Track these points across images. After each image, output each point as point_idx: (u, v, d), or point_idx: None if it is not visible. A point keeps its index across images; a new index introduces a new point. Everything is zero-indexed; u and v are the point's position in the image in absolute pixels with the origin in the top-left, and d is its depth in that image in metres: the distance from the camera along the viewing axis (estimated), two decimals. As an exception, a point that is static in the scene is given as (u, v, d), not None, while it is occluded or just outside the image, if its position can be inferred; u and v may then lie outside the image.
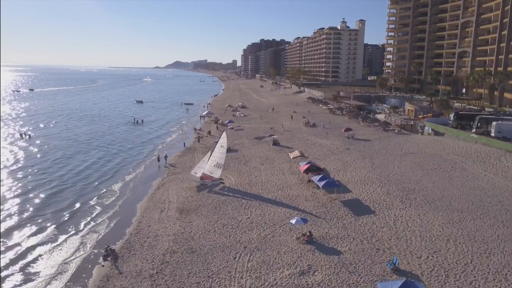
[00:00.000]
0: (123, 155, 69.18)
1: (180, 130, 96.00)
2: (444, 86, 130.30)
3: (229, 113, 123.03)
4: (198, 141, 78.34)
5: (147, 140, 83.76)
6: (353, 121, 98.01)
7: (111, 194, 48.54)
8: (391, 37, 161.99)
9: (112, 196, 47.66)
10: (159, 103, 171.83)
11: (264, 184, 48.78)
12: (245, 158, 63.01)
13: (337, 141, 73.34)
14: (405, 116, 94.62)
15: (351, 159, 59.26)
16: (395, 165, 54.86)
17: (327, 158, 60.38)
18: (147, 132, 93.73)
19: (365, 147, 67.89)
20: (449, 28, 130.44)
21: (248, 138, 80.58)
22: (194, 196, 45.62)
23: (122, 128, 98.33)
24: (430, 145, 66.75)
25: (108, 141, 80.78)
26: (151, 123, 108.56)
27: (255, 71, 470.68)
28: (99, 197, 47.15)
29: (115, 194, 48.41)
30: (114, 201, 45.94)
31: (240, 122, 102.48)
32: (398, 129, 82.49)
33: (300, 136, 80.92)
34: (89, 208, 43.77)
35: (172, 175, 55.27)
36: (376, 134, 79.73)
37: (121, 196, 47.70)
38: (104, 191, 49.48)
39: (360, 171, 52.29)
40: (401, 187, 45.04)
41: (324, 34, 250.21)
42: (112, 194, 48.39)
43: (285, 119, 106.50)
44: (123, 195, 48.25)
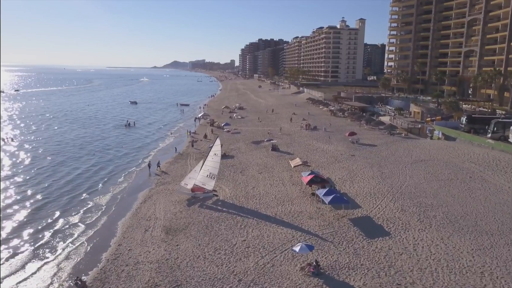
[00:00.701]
0: (113, 162, 63.78)
1: (170, 133, 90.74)
2: (450, 87, 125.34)
3: (226, 115, 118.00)
4: (192, 146, 73.34)
5: (139, 145, 78.59)
6: (356, 124, 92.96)
7: (97, 208, 43.44)
8: (393, 36, 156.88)
9: (97, 211, 42.65)
10: (154, 104, 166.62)
11: (262, 197, 43.72)
12: (242, 165, 57.97)
13: (341, 146, 68.30)
14: (411, 119, 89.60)
15: (357, 167, 54.20)
16: (407, 175, 49.79)
17: (331, 166, 55.32)
18: (139, 136, 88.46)
19: (372, 153, 62.83)
20: (454, 26, 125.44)
21: (245, 142, 75.56)
22: (183, 211, 40.58)
23: (114, 132, 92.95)
24: (442, 151, 61.72)
25: (99, 147, 75.45)
26: (144, 126, 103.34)
27: (253, 71, 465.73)
28: (84, 213, 42.25)
29: (101, 209, 43.34)
30: (98, 218, 40.92)
31: (237, 125, 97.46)
32: (405, 133, 77.49)
33: (300, 140, 75.88)
34: (71, 226, 38.79)
35: (160, 186, 50.24)
36: (382, 139, 74.70)
37: (106, 211, 42.72)
38: (90, 205, 44.39)
39: (368, 182, 47.23)
40: (416, 202, 39.96)
41: (324, 33, 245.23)
42: (98, 209, 43.32)
43: (284, 121, 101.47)
44: (108, 209, 43.27)
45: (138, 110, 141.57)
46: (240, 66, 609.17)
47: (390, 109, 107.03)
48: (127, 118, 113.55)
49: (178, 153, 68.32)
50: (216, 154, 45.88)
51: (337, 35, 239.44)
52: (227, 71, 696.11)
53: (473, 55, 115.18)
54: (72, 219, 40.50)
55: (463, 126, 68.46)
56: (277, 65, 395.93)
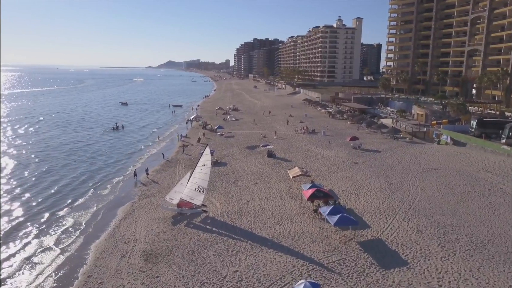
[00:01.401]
0: (98, 171, 58.12)
1: (158, 138, 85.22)
2: (452, 87, 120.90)
3: (219, 117, 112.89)
4: (183, 151, 68.16)
5: (126, 151, 73.17)
6: (356, 127, 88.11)
7: (75, 228, 38.29)
8: (392, 35, 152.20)
9: (75, 231, 37.59)
10: (145, 105, 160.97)
11: (257, 213, 38.65)
12: (235, 174, 52.92)
13: (342, 152, 63.35)
14: (414, 122, 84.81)
15: (362, 177, 49.25)
16: (418, 187, 44.90)
17: (333, 176, 50.33)
18: (127, 140, 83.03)
19: (376, 160, 57.91)
20: (457, 24, 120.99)
21: (239, 147, 70.50)
22: (167, 231, 35.48)
23: (101, 136, 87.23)
24: (453, 158, 56.94)
25: (83, 154, 69.92)
26: (133, 129, 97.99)
27: (248, 71, 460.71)
28: (62, 233, 37.14)
29: (79, 228, 38.22)
30: (75, 240, 35.79)
31: (231, 127, 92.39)
32: (410, 137, 72.69)
33: (298, 145, 70.89)
34: (44, 251, 33.63)
35: (144, 199, 45.09)
36: (385, 143, 69.87)
37: (84, 231, 37.56)
38: (69, 224, 39.15)
39: (376, 195, 42.26)
40: (433, 221, 35.01)
41: (320, 32, 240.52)
42: (76, 228, 38.23)
43: (280, 124, 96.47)
44: (87, 228, 38.12)
45: (128, 111, 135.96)
46: (235, 66, 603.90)
47: (392, 111, 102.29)
48: (116, 120, 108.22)
49: (166, 159, 63.12)
50: (205, 165, 40.77)
51: (333, 34, 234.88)
52: (222, 71, 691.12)
53: (477, 55, 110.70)
54: (47, 241, 35.36)
55: (473, 131, 63.72)
56: (272, 65, 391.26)
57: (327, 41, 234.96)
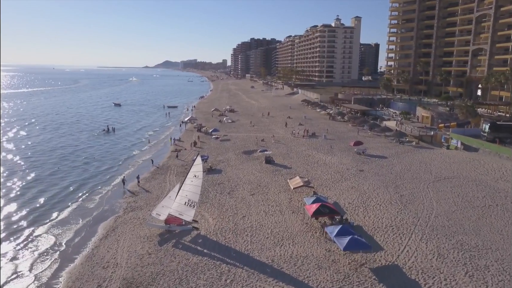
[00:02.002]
0: (84, 180, 53.51)
1: (148, 141, 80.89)
2: (455, 88, 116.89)
3: (215, 118, 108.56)
4: (177, 156, 63.89)
5: (116, 156, 68.82)
6: (358, 130, 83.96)
7: (53, 249, 33.87)
8: (393, 34, 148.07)
9: (53, 254, 33.20)
10: (139, 106, 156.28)
11: (255, 231, 34.40)
12: (230, 183, 48.67)
13: (346, 158, 59.15)
14: (419, 124, 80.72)
15: (369, 187, 45.05)
16: (432, 199, 40.73)
17: (338, 186, 46.11)
18: (118, 144, 78.47)
19: (383, 167, 53.71)
20: (460, 23, 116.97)
21: (235, 152, 66.27)
22: (152, 253, 31.23)
23: (90, 140, 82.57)
24: (466, 165, 52.83)
25: (70, 159, 65.61)
26: (125, 132, 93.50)
27: (245, 70, 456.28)
28: (40, 256, 32.72)
29: (57, 250, 33.77)
30: (51, 265, 31.39)
31: (227, 130, 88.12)
32: (416, 141, 68.53)
33: (298, 149, 66.67)
34: (15, 279, 29.24)
35: (130, 212, 40.79)
36: (391, 148, 65.72)
37: (64, 253, 33.25)
38: (48, 245, 34.63)
39: (386, 209, 38.05)
40: (455, 242, 30.83)
41: (318, 31, 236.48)
42: (55, 250, 33.84)
43: (278, 126, 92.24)
44: (67, 250, 33.80)
45: (121, 113, 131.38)
46: (232, 66, 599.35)
47: (394, 112, 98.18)
48: (108, 122, 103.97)
49: (156, 166, 58.73)
50: (196, 176, 36.47)
51: (332, 34, 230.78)
52: (219, 71, 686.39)
53: (482, 54, 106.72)
54: (21, 266, 31.03)
55: (485, 135, 59.62)
56: (269, 65, 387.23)
57: (326, 41, 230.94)
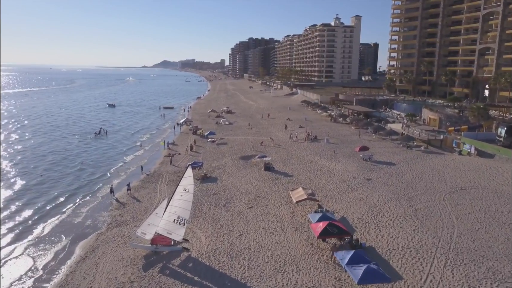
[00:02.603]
0: (72, 190, 49.19)
1: (140, 145, 76.62)
2: (461, 89, 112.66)
3: (212, 120, 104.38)
4: (171, 162, 59.64)
5: (106, 161, 64.70)
6: (361, 133, 79.82)
7: (28, 275, 29.69)
8: (395, 32, 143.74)
9: (27, 281, 28.90)
10: (134, 107, 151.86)
11: (253, 254, 30.16)
12: (226, 193, 44.44)
13: (351, 164, 54.89)
14: (426, 127, 76.51)
15: (379, 199, 40.81)
16: (451, 214, 36.48)
17: (344, 197, 41.85)
18: (108, 149, 74.29)
19: (392, 176, 49.46)
20: (466, 21, 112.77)
21: (232, 157, 62.08)
22: (135, 281, 27.15)
23: (81, 143, 78.50)
24: (483, 174, 48.62)
25: (63, 164, 61.72)
26: (118, 135, 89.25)
27: (243, 70, 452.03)
28: (20, 280, 28.88)
29: (33, 277, 29.56)
30: None
31: (224, 133, 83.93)
32: (425, 146, 64.32)
33: (299, 154, 62.43)
34: None
35: (114, 228, 36.58)
36: (398, 153, 61.49)
37: (38, 281, 28.99)
38: (24, 270, 30.38)
39: (401, 227, 33.78)
40: (486, 270, 26.57)
41: (317, 31, 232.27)
42: (29, 276, 29.72)
43: (278, 129, 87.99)
44: (41, 277, 29.53)
45: (115, 114, 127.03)
46: (230, 65, 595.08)
47: (399, 114, 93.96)
48: (101, 124, 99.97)
49: (146, 174, 54.43)
50: (186, 190, 32.22)
51: (331, 33, 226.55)
52: (217, 71, 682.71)
53: (490, 53, 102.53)
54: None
55: (501, 140, 55.48)
56: (268, 64, 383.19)
57: (325, 40, 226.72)
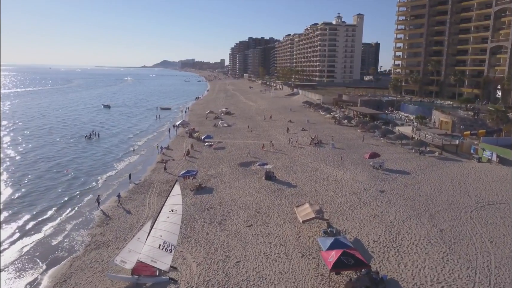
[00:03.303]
0: (55, 204, 43.86)
1: (133, 149, 71.61)
2: (471, 89, 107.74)
3: (210, 122, 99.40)
4: (165, 169, 54.77)
5: (96, 167, 59.92)
6: (369, 137, 74.88)
7: None
8: (400, 30, 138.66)
9: None
10: (130, 107, 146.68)
11: (253, 287, 25.19)
12: (223, 207, 39.51)
13: (361, 173, 49.89)
14: (438, 130, 71.51)
15: (397, 216, 35.80)
16: (483, 236, 31.45)
17: (356, 214, 36.84)
18: (100, 153, 69.28)
19: (408, 187, 44.43)
20: (477, 18, 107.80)
21: (230, 163, 57.16)
22: (109, 326, 22.02)
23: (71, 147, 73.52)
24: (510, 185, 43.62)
25: (51, 172, 56.66)
26: (110, 137, 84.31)
27: (243, 70, 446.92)
28: None
29: None
30: None
31: (222, 136, 79.01)
32: (439, 152, 59.31)
33: (303, 161, 57.44)
34: None
35: (92, 251, 31.74)
36: (411, 160, 56.44)
37: None
38: None
39: (427, 253, 28.72)
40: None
41: (319, 30, 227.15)
42: None
43: (279, 132, 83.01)
44: None
45: (109, 115, 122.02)
46: (230, 65, 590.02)
47: (407, 116, 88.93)
48: (94, 126, 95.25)
49: (135, 183, 49.53)
50: (173, 211, 27.32)
51: (333, 32, 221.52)
52: (216, 71, 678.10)
53: (502, 52, 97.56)
54: None
55: (527, 146, 50.61)
56: (268, 64, 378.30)
57: (327, 39, 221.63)
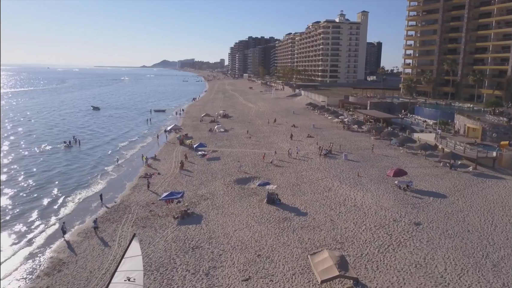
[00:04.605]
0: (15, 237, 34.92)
1: (117, 160, 62.07)
2: (491, 90, 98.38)
3: (205, 126, 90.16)
4: (148, 187, 45.67)
5: (71, 183, 50.62)
6: (384, 145, 65.64)
7: None
8: (412, 27, 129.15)
9: None
10: (122, 109, 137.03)
11: None
12: (212, 246, 30.34)
13: (385, 196, 40.46)
14: (462, 138, 62.26)
15: (446, 266, 26.37)
16: None
17: (389, 260, 27.43)
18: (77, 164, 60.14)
19: (449, 217, 34.91)
20: (498, 12, 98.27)
21: (225, 179, 47.97)
22: None
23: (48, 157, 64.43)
24: None
25: (27, 190, 47.49)
26: (93, 144, 75.17)
27: (242, 70, 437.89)
28: None
29: None
30: None
31: (217, 143, 69.91)
32: (473, 166, 49.91)
33: (312, 177, 48.07)
34: None
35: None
36: (442, 177, 46.94)
37: None
38: None
39: None
40: None
41: (321, 28, 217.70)
42: None
43: (281, 138, 73.76)
44: None
45: (97, 118, 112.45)
46: (229, 65, 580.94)
47: (424, 121, 79.51)
48: (79, 131, 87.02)
49: (106, 206, 40.41)
50: (131, 280, 17.82)
51: (336, 30, 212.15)
52: (216, 71, 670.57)
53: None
54: None
55: None
56: (268, 64, 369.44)
57: (330, 37, 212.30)
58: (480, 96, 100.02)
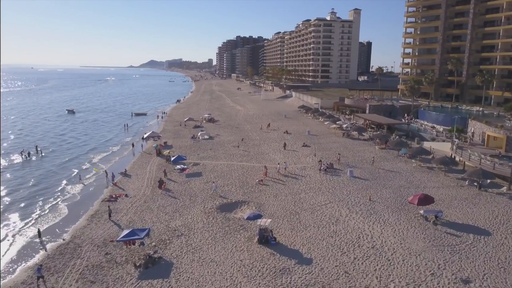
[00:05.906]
0: None
1: (79, 178, 52.21)
2: (500, 92, 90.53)
3: (187, 132, 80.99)
4: (109, 216, 36.43)
5: (17, 208, 41.35)
6: (392, 156, 57.03)
7: None
8: (411, 23, 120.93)
9: None
10: (99, 113, 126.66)
11: None
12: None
13: (410, 231, 31.49)
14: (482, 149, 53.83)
15: None
16: None
17: None
18: (27, 184, 50.40)
19: (503, 269, 26.08)
20: (508, 7, 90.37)
21: (205, 205, 38.99)
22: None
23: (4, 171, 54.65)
24: None
25: None
26: (56, 155, 65.59)
27: (231, 70, 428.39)
28: None
29: None
30: None
31: (199, 154, 60.96)
32: (507, 187, 41.27)
33: (313, 201, 39.03)
34: None
35: None
36: (474, 202, 38.22)
37: None
38: None
39: None
40: None
41: (312, 26, 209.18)
42: None
43: (273, 148, 64.84)
44: None
45: (70, 124, 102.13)
46: (217, 65, 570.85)
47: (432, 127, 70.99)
48: (44, 139, 77.77)
49: (44, 247, 31.09)
50: None
51: (328, 28, 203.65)
52: (204, 71, 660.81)
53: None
54: None
55: None
56: (256, 64, 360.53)
57: (321, 36, 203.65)
58: (488, 98, 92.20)
